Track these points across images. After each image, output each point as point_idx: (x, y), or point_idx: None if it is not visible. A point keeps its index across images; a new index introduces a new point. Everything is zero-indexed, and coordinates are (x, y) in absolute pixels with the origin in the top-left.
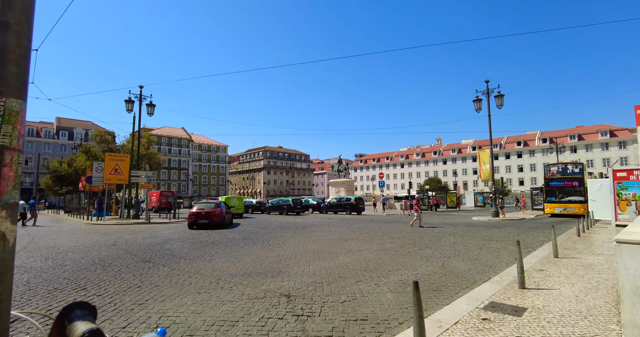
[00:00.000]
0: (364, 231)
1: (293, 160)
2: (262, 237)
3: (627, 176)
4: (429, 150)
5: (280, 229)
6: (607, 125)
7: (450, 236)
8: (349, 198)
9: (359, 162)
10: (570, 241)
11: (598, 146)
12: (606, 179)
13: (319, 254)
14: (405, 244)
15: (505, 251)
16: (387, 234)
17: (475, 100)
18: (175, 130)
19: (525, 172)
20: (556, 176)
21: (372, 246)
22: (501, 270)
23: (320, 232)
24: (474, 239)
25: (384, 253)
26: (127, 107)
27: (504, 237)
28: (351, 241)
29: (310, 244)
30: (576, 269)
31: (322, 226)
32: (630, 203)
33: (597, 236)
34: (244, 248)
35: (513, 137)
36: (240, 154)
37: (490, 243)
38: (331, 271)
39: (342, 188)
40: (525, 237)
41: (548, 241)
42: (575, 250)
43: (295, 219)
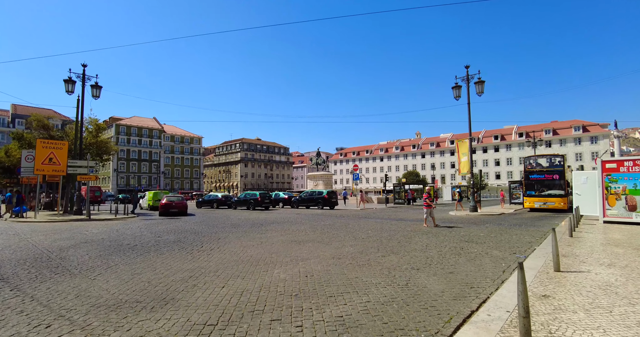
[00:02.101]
0: (327, 230)
1: (272, 153)
2: (201, 238)
3: (617, 168)
4: (408, 144)
5: (231, 227)
6: (580, 121)
7: (423, 235)
8: (321, 192)
9: (339, 156)
10: (565, 244)
11: (571, 141)
12: (593, 171)
13: (251, 266)
14: (367, 248)
15: (489, 258)
16: (352, 233)
17: (455, 87)
18: (146, 121)
19: (502, 166)
20: (536, 168)
21: (326, 251)
22: (487, 293)
23: (275, 231)
24: (451, 240)
25: (336, 263)
26: (67, 88)
27: (484, 238)
28: (305, 244)
29: (252, 249)
30: (594, 294)
31: (284, 223)
32: (620, 197)
33: (590, 235)
34: (160, 256)
35: (491, 131)
36: (216, 146)
37: (469, 246)
38: (245, 299)
39: (320, 181)
40: (509, 238)
41: (536, 243)
42: (576, 258)
43: (260, 214)
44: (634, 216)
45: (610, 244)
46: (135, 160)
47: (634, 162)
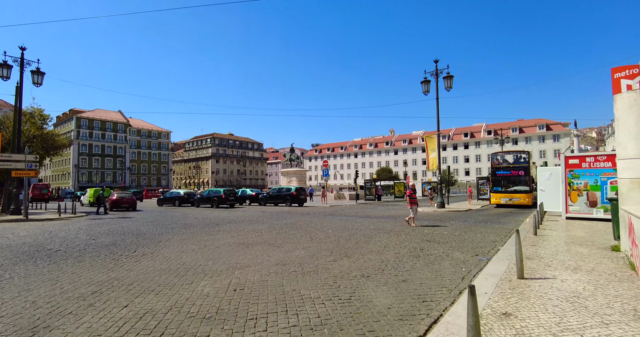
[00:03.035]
0: (286, 229)
1: (245, 148)
2: (140, 241)
3: (579, 163)
4: (382, 141)
5: (181, 227)
6: (545, 120)
7: (385, 234)
8: (289, 188)
9: (314, 152)
10: (529, 244)
11: (536, 139)
12: (556, 167)
13: (175, 277)
14: (320, 251)
15: (449, 262)
16: (311, 232)
17: (424, 82)
18: (110, 114)
19: (471, 163)
20: (503, 164)
21: (273, 256)
22: (440, 309)
23: (227, 232)
24: (412, 239)
25: (278, 271)
26: (2, 73)
27: (448, 236)
28: (252, 248)
29: (189, 254)
30: (561, 309)
31: (242, 222)
32: (581, 193)
33: (554, 233)
34: (77, 264)
35: (461, 128)
36: (186, 141)
37: (430, 247)
38: (142, 325)
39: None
40: (474, 236)
41: (501, 242)
42: (540, 260)
43: (222, 213)
44: (594, 212)
45: (574, 243)
46: (98, 155)
47: (595, 158)
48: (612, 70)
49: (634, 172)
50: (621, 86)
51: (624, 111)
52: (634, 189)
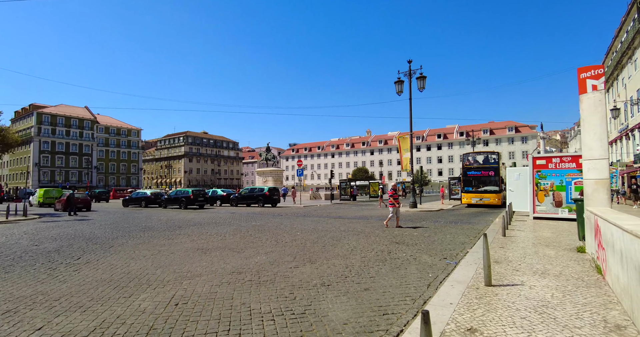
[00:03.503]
0: (252, 232)
1: (220, 147)
2: (89, 246)
3: (546, 164)
4: (359, 141)
5: (140, 230)
6: (514, 122)
7: (354, 236)
8: (262, 189)
9: (291, 151)
10: (498, 246)
11: (505, 140)
12: (525, 167)
13: (114, 289)
14: (283, 256)
15: (416, 266)
16: (278, 235)
17: (397, 82)
18: (76, 109)
19: (444, 163)
20: (474, 165)
21: (230, 263)
22: (401, 324)
23: (187, 236)
24: (381, 242)
25: (232, 280)
26: None
27: (417, 238)
28: (211, 253)
29: (138, 261)
30: (529, 322)
31: (207, 224)
32: (548, 193)
33: (522, 234)
34: (3, 276)
35: (434, 130)
36: (157, 140)
37: (398, 249)
38: None
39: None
40: (443, 238)
41: (470, 243)
42: (509, 265)
43: (189, 214)
44: (560, 212)
45: (542, 244)
46: (62, 153)
47: (561, 159)
48: (578, 70)
49: (599, 173)
50: (587, 86)
51: (589, 111)
52: (598, 190)
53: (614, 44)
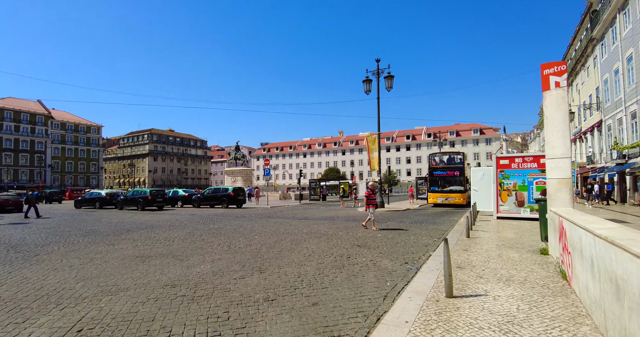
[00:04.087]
0: (206, 236)
1: (187, 146)
2: (11, 255)
3: (509, 164)
4: (330, 141)
5: (81, 235)
6: (479, 124)
7: (316, 239)
8: (226, 189)
9: (262, 151)
10: (461, 248)
11: (471, 142)
12: (489, 167)
13: (9, 312)
14: (230, 265)
15: (374, 273)
16: (233, 239)
17: (365, 81)
18: (27, 103)
19: (413, 164)
20: (440, 165)
21: (166, 274)
22: None
23: (132, 241)
24: (342, 245)
25: (161, 295)
26: None
27: (380, 240)
28: (150, 262)
29: (61, 273)
30: None
31: (159, 228)
32: (511, 193)
33: (486, 235)
34: None
35: (403, 131)
36: (120, 137)
37: (359, 253)
38: None
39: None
40: (407, 239)
41: (433, 245)
42: (472, 270)
43: (144, 216)
44: (522, 212)
45: (505, 246)
46: (9, 150)
47: (523, 159)
48: (541, 66)
49: (562, 172)
50: (550, 83)
51: (552, 108)
52: (561, 190)
53: (569, 52)
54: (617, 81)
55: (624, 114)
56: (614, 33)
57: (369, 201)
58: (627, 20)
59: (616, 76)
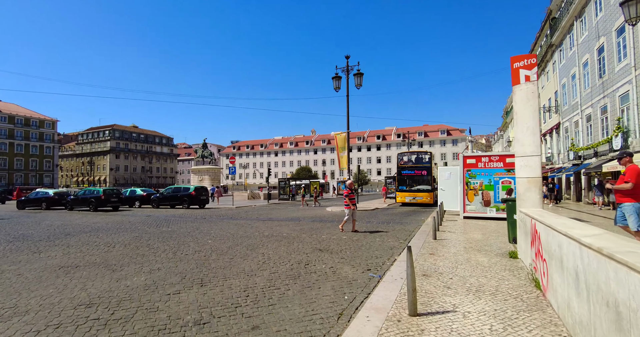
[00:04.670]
0: (152, 241)
1: (152, 143)
2: None
3: (475, 163)
4: (302, 140)
5: (12, 240)
6: (446, 126)
7: (275, 243)
8: (187, 188)
9: (232, 149)
10: (428, 252)
11: (438, 142)
12: (456, 166)
13: None
14: (168, 276)
15: (332, 284)
16: (181, 245)
17: (335, 78)
18: None
19: (383, 163)
20: (408, 164)
21: (88, 289)
22: None
23: (65, 248)
24: (303, 249)
25: (65, 319)
26: None
27: (345, 242)
28: (75, 273)
29: None
30: None
31: (105, 231)
32: (477, 193)
33: (453, 236)
34: None
35: (374, 131)
36: (79, 133)
37: (319, 259)
38: None
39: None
40: (372, 241)
41: (399, 248)
42: (439, 279)
43: (94, 218)
44: (488, 211)
45: (473, 249)
46: None
47: (490, 158)
48: (511, 59)
49: (532, 171)
50: (520, 77)
51: (522, 104)
52: (531, 189)
53: None
54: (574, 86)
55: (580, 117)
56: (572, 39)
57: (348, 201)
58: (583, 27)
59: (573, 81)
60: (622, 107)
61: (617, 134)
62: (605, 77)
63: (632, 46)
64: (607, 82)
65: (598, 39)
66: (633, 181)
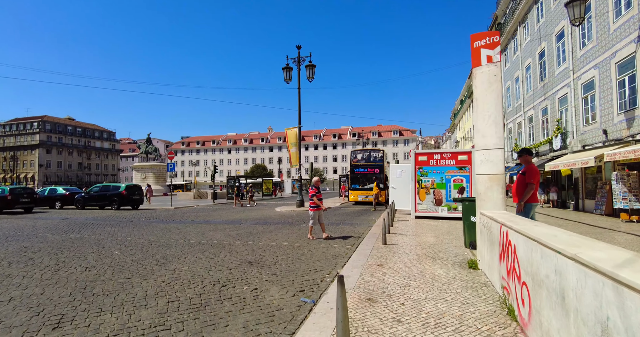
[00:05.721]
0: (44, 251)
1: (90, 137)
2: None
3: (427, 161)
4: (258, 137)
5: None
6: (398, 126)
7: (197, 253)
8: (117, 186)
9: (181, 145)
10: (376, 262)
11: (391, 142)
12: (407, 164)
13: None
14: (17, 311)
15: (245, 318)
16: (77, 257)
17: (285, 69)
18: None
19: (339, 162)
20: (360, 162)
21: None
22: None
23: None
24: (228, 262)
25: None
26: None
27: (284, 250)
28: None
29: None
30: None
31: None
32: (429, 191)
33: (405, 240)
34: None
35: (330, 130)
36: (1, 124)
37: (244, 276)
38: None
39: (149, 173)
40: (316, 247)
41: (345, 257)
42: (387, 306)
43: None
44: (440, 210)
45: (428, 257)
46: None
47: (442, 155)
48: (471, 37)
49: (494, 166)
50: (481, 57)
51: (483, 89)
52: (492, 188)
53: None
54: (518, 88)
55: (522, 119)
56: (515, 44)
57: (316, 201)
58: (526, 32)
59: (517, 84)
60: (561, 108)
61: (557, 134)
62: (546, 80)
63: (571, 50)
64: (548, 85)
65: (540, 43)
66: (535, 182)
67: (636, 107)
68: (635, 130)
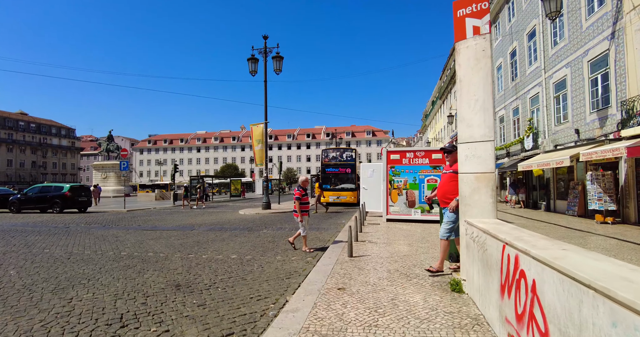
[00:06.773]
0: None
1: (46, 134)
2: None
3: (399, 159)
4: (228, 136)
5: None
6: (371, 127)
7: (117, 271)
8: (59, 187)
9: (147, 143)
10: (336, 285)
11: (364, 143)
12: (379, 163)
13: None
14: None
15: None
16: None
17: (251, 60)
18: None
19: (313, 162)
20: (332, 161)
21: None
22: None
23: None
24: (147, 287)
25: None
26: None
27: (228, 268)
28: None
29: None
30: None
31: None
32: (401, 192)
33: (374, 250)
34: None
35: (304, 129)
36: None
37: (159, 308)
38: None
39: (111, 173)
40: (270, 261)
41: (302, 275)
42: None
43: None
44: (413, 213)
45: (401, 274)
46: None
47: (415, 154)
48: (454, 5)
49: (482, 163)
50: (466, 28)
51: (469, 67)
52: (480, 190)
53: (449, 62)
54: None
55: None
56: None
57: (301, 205)
58: (497, 32)
59: None
60: (533, 108)
61: (529, 134)
62: (518, 79)
63: (542, 49)
64: (519, 84)
65: (511, 43)
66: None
67: (609, 106)
68: (608, 130)
